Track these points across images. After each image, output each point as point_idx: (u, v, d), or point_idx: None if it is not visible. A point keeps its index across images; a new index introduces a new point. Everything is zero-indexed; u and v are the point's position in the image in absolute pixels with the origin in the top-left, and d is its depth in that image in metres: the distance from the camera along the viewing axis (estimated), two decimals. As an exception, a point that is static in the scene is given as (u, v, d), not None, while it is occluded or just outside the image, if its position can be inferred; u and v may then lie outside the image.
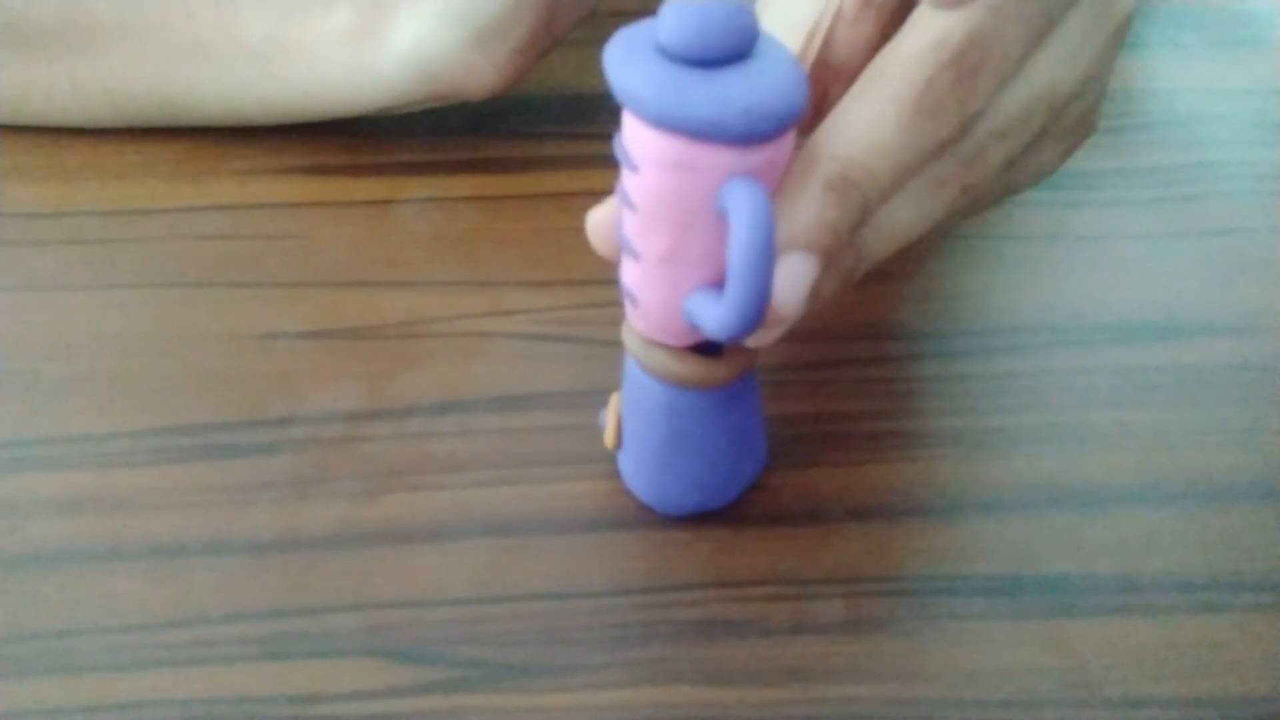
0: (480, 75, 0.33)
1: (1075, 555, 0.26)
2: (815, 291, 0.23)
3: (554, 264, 0.33)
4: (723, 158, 0.21)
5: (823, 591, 0.26)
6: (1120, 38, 0.26)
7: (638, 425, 0.26)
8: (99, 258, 0.34)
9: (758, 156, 0.21)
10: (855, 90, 0.23)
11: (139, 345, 0.31)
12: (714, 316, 0.22)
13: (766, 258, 0.21)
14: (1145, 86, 0.40)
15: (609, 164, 0.23)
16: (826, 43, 0.26)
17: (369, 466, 0.28)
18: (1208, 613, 0.25)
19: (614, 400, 0.27)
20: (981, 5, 0.22)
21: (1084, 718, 0.23)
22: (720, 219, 0.21)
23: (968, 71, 0.22)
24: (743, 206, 0.21)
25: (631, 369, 0.25)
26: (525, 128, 0.38)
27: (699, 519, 0.27)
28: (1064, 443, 0.29)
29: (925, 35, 0.22)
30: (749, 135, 0.21)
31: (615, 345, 0.27)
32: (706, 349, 0.25)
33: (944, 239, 0.34)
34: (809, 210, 0.22)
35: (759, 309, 0.21)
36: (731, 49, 0.21)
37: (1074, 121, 0.26)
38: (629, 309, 0.24)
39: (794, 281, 0.22)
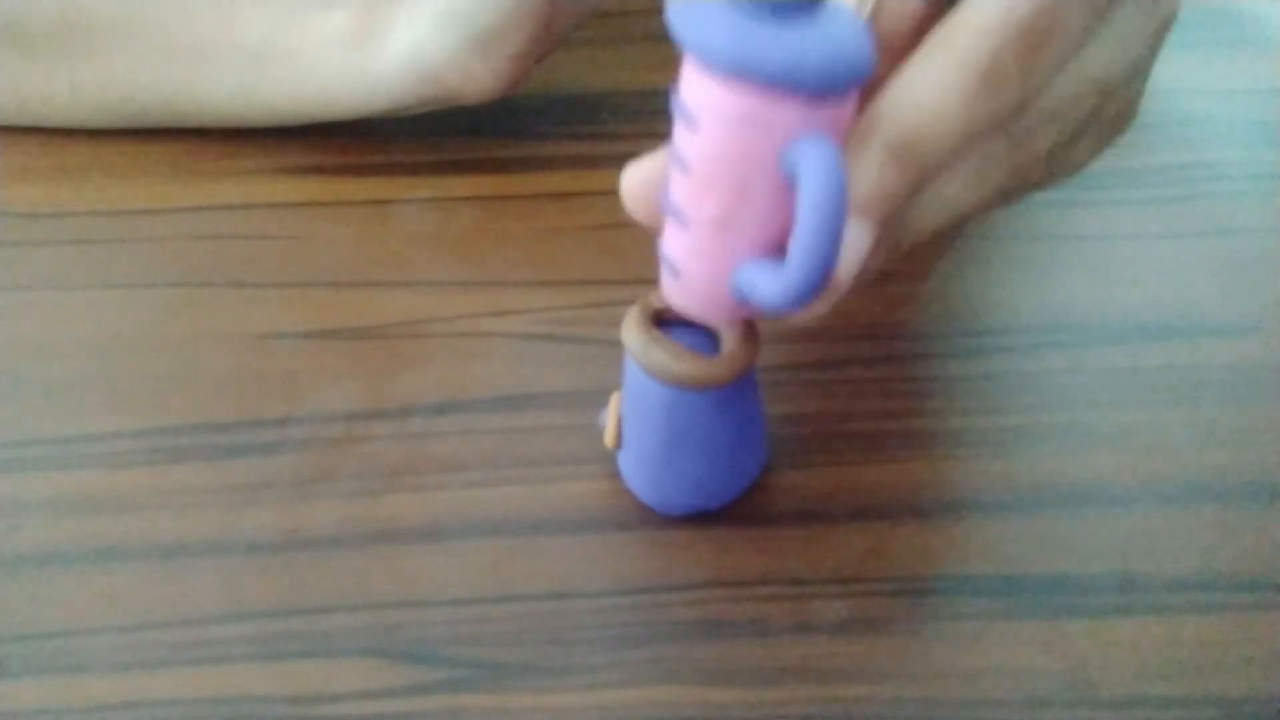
0: (478, 80, 0.33)
1: (1075, 555, 0.26)
2: (865, 263, 0.23)
3: (554, 264, 0.33)
4: (792, 113, 0.20)
5: (823, 591, 0.26)
6: (1164, 33, 0.26)
7: (638, 425, 0.26)
8: (99, 258, 0.34)
9: (825, 113, 0.20)
10: (920, 56, 0.22)
11: (139, 345, 0.31)
12: (775, 284, 0.21)
13: (838, 221, 0.20)
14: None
15: (609, 164, 0.23)
16: (874, 12, 0.25)
17: (369, 466, 0.28)
18: (1208, 613, 0.25)
19: (614, 400, 0.27)
20: None
21: (1084, 718, 0.23)
22: (779, 182, 0.21)
23: (1034, 45, 0.22)
24: (817, 166, 0.20)
25: (631, 369, 0.25)
26: (525, 128, 0.38)
27: (699, 519, 0.27)
28: (1064, 443, 0.29)
29: (992, 5, 0.22)
30: (822, 87, 0.20)
31: (615, 345, 0.27)
32: (705, 346, 0.25)
33: (950, 241, 0.34)
34: (869, 177, 0.22)
35: (825, 276, 0.20)
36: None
37: (1114, 114, 0.26)
38: (667, 283, 0.23)
39: (850, 249, 0.22)
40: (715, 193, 0.21)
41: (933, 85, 0.22)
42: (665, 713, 0.24)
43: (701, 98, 0.21)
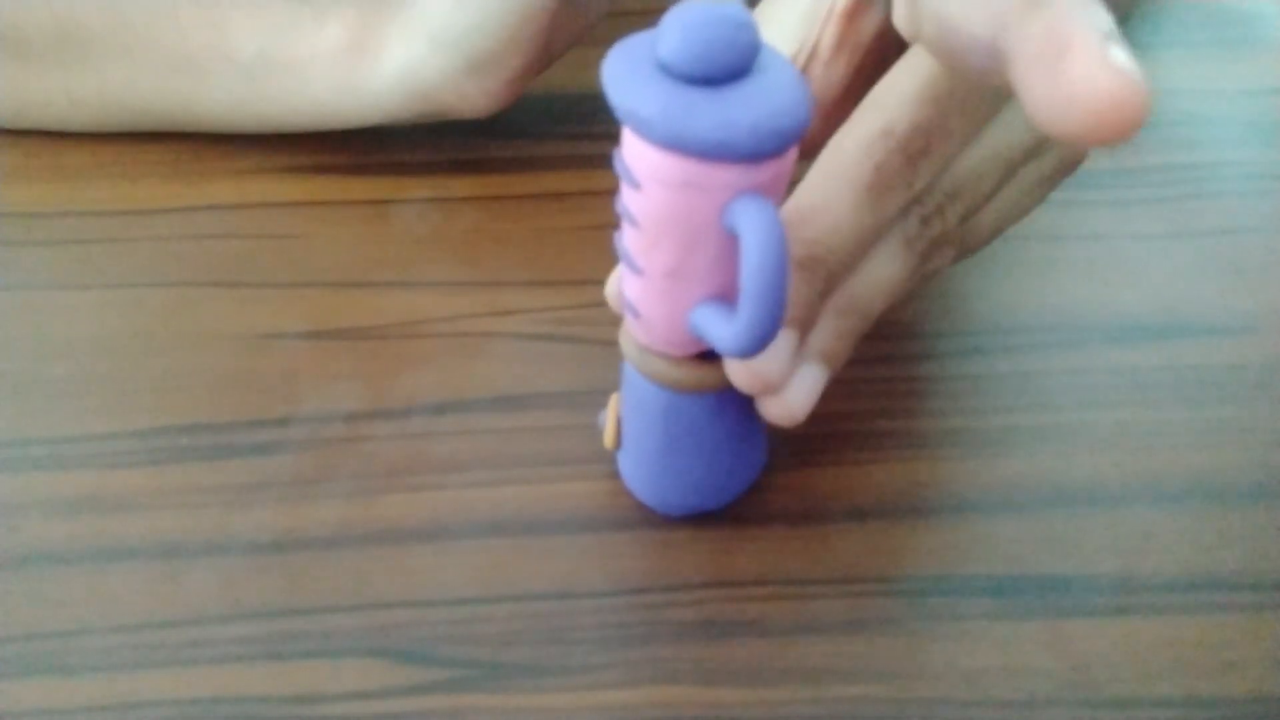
0: (472, 100, 0.33)
1: (1075, 555, 0.26)
2: (831, 354, 0.25)
3: (554, 264, 0.33)
4: (729, 175, 0.21)
5: (823, 591, 0.26)
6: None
7: (637, 427, 0.26)
8: (99, 258, 0.34)
9: (764, 172, 0.21)
10: (816, 170, 0.24)
11: (139, 345, 0.31)
12: (728, 335, 0.22)
13: (780, 276, 0.21)
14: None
15: (608, 164, 0.23)
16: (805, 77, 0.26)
17: (369, 466, 0.28)
18: (1208, 613, 0.25)
19: (613, 401, 0.27)
20: (928, 97, 0.23)
21: (1084, 718, 0.23)
22: (726, 233, 0.21)
23: (914, 156, 0.24)
24: (753, 228, 0.21)
25: (630, 372, 0.25)
26: (525, 128, 0.38)
27: (699, 519, 0.27)
28: (1064, 443, 0.29)
29: (875, 122, 0.24)
30: (756, 154, 0.20)
31: (615, 345, 0.27)
32: (707, 354, 0.25)
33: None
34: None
35: (773, 328, 0.21)
36: (735, 66, 0.20)
37: (1051, 169, 0.27)
38: (630, 320, 0.24)
39: (781, 351, 0.23)
40: (664, 246, 0.22)
41: (828, 199, 0.24)
42: (665, 713, 0.24)
43: (641, 163, 0.21)
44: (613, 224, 0.33)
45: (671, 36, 0.20)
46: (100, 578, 0.26)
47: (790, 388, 0.24)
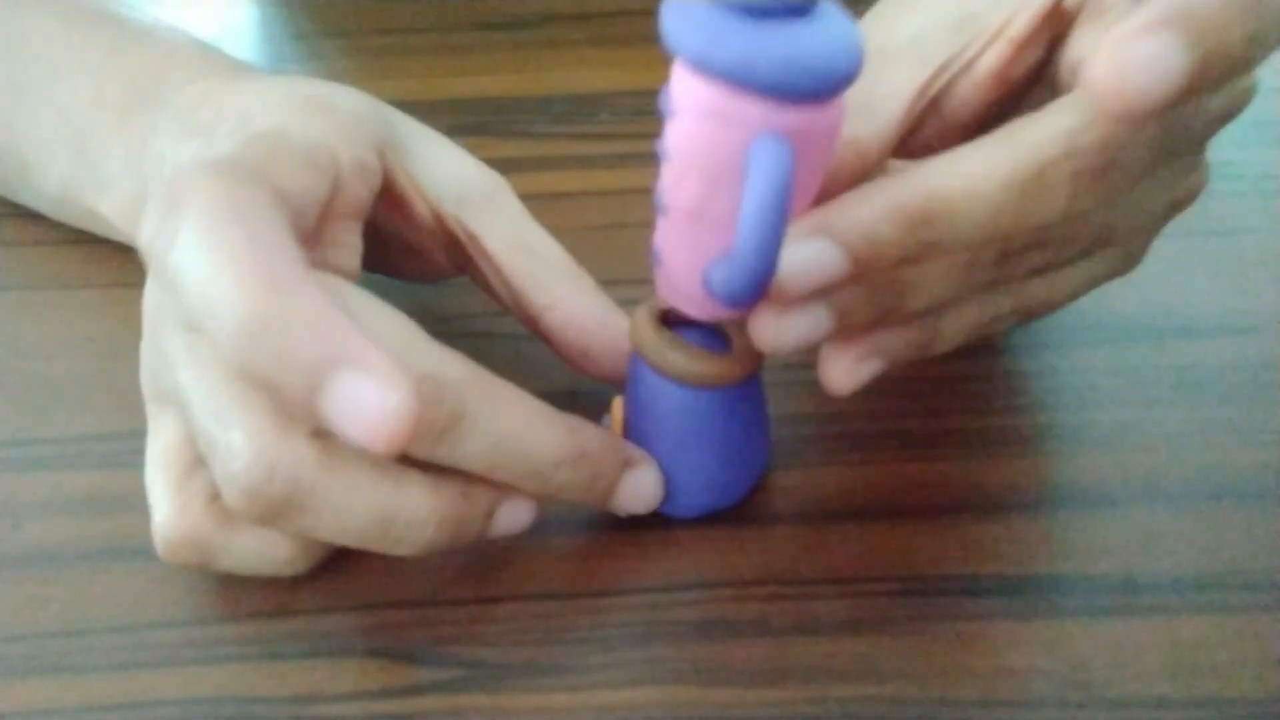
0: None
1: (1075, 555, 0.26)
2: (884, 352, 0.24)
3: (554, 264, 0.33)
4: (754, 110, 0.21)
5: (823, 591, 0.26)
6: (1180, 209, 0.27)
7: (649, 428, 0.26)
8: (99, 258, 0.34)
9: (792, 118, 0.21)
10: (979, 140, 0.22)
11: (138, 345, 0.31)
12: (720, 273, 0.22)
13: (777, 215, 0.20)
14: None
15: (609, 164, 0.23)
16: (947, 88, 0.26)
17: (369, 466, 0.28)
18: (1208, 613, 0.25)
19: (616, 406, 0.27)
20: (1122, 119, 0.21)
21: (1084, 718, 0.23)
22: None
23: (1088, 173, 0.22)
24: (762, 160, 0.20)
25: (641, 373, 0.25)
26: (525, 128, 0.38)
27: (698, 519, 0.27)
28: (1064, 443, 0.29)
29: (1065, 122, 0.22)
30: (779, 87, 0.20)
31: (615, 345, 0.27)
32: (714, 344, 0.25)
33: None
34: (866, 218, 0.22)
35: (763, 270, 0.21)
36: (783, 3, 0.20)
37: (1116, 259, 0.27)
38: (655, 275, 0.24)
39: (812, 265, 0.22)
40: (689, 181, 0.22)
41: (981, 164, 0.22)
42: (665, 713, 0.24)
43: (678, 88, 0.21)
44: (613, 224, 0.33)
45: None
46: (100, 578, 0.26)
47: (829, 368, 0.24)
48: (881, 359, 0.25)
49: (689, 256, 0.23)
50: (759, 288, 0.21)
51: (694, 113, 0.21)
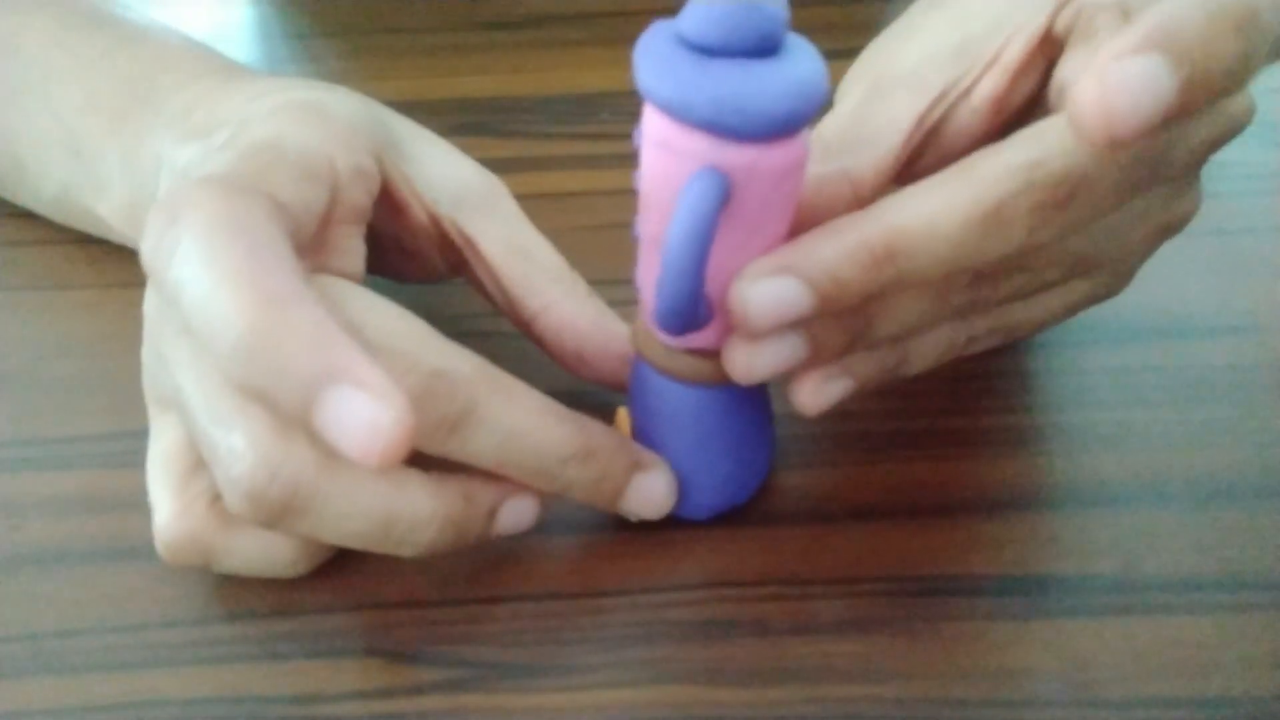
0: None
1: (1075, 555, 0.26)
2: (854, 374, 0.25)
3: (554, 264, 0.33)
4: (699, 144, 0.21)
5: (823, 591, 0.26)
6: (1171, 233, 0.27)
7: (660, 433, 0.26)
8: (99, 258, 0.34)
9: (733, 155, 0.21)
10: (940, 175, 0.22)
11: (139, 345, 0.31)
12: (653, 301, 0.22)
13: (697, 246, 0.21)
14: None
15: (609, 164, 0.23)
16: (946, 116, 0.26)
17: (369, 466, 0.28)
18: (1208, 613, 0.25)
19: (621, 416, 0.27)
20: (1087, 145, 0.21)
21: (1084, 718, 0.23)
22: None
23: (1050, 204, 0.22)
24: (688, 193, 0.21)
25: (649, 379, 0.25)
26: (525, 128, 0.38)
27: (698, 519, 0.27)
28: (1064, 443, 0.29)
29: (1024, 152, 0.22)
30: (714, 125, 0.21)
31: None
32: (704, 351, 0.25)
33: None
34: (829, 256, 0.22)
35: (683, 298, 0.21)
36: (739, 44, 0.21)
37: (1101, 285, 0.27)
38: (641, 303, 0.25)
39: (780, 301, 0.22)
40: (651, 210, 0.23)
41: (940, 201, 0.22)
42: (665, 713, 0.24)
43: (645, 119, 0.22)
44: (613, 224, 0.33)
45: (691, 5, 0.21)
46: (100, 578, 0.26)
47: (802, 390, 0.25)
48: (851, 379, 0.25)
49: (651, 283, 0.23)
50: (683, 315, 0.22)
51: (650, 143, 0.22)
